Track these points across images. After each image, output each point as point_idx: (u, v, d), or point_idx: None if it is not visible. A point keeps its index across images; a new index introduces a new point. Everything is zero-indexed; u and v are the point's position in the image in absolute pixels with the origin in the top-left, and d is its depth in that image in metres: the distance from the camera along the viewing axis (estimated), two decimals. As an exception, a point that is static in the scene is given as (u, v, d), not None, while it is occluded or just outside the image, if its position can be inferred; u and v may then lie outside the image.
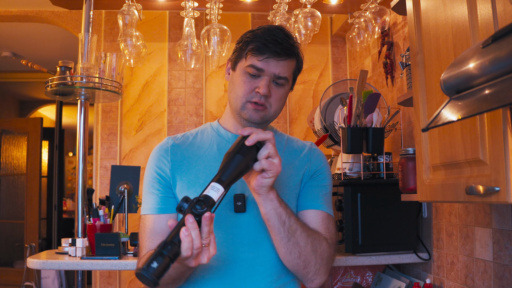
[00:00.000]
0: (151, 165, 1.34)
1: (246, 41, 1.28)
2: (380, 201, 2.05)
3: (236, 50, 1.32)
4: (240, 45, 1.31)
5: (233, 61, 1.34)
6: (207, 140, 1.37)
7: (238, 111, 1.30)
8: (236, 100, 1.29)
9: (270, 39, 1.25)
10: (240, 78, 1.28)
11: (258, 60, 1.25)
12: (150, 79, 3.17)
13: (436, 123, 0.93)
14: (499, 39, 0.80)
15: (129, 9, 2.44)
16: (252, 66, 1.25)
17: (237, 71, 1.30)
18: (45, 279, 4.55)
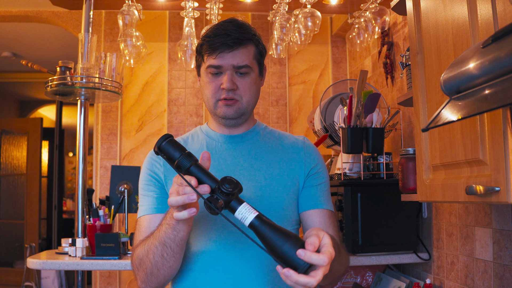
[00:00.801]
0: (144, 169, 1.36)
1: (200, 45, 1.31)
2: (380, 201, 2.05)
3: (196, 57, 1.36)
4: (197, 50, 1.34)
5: (196, 68, 1.38)
6: (197, 142, 1.39)
7: (212, 112, 1.33)
8: (208, 102, 1.32)
9: (218, 34, 1.27)
10: (204, 80, 1.31)
11: (213, 58, 1.27)
12: (150, 79, 3.17)
13: (436, 123, 0.93)
14: (499, 39, 0.80)
15: (129, 9, 2.44)
16: (210, 66, 1.28)
17: (202, 75, 1.33)
18: (45, 279, 4.55)
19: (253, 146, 1.37)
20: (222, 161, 1.33)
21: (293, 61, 3.22)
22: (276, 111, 3.18)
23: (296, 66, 3.22)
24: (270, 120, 3.15)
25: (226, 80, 1.27)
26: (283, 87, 3.20)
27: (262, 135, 1.40)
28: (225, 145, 1.36)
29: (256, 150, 1.36)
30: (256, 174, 1.32)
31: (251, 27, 1.33)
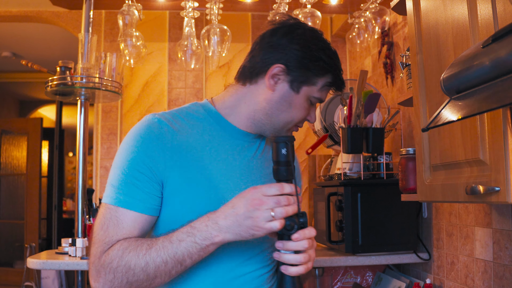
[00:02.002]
0: (137, 148, 1.09)
1: (322, 67, 1.13)
2: (380, 201, 2.05)
3: (304, 69, 1.12)
4: (313, 67, 1.12)
5: (295, 79, 1.13)
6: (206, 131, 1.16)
7: (277, 131, 1.17)
8: (288, 124, 1.17)
9: (340, 71, 1.17)
10: (303, 104, 1.15)
11: (326, 92, 1.17)
12: (150, 79, 3.17)
13: (436, 123, 0.93)
14: (499, 39, 0.80)
15: (129, 9, 2.44)
16: (320, 99, 1.17)
17: (301, 95, 1.14)
18: (45, 279, 4.55)
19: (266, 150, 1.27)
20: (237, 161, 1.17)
21: (293, 61, 3.22)
22: (276, 111, 3.18)
23: (296, 66, 3.21)
24: (270, 120, 3.15)
25: (315, 115, 1.20)
26: (283, 87, 3.20)
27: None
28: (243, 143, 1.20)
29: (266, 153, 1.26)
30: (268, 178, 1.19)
31: None
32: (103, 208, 1.09)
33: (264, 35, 1.17)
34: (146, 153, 1.08)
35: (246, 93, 1.18)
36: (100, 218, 1.08)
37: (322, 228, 2.24)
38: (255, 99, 1.17)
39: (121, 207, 1.06)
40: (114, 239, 1.04)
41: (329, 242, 2.14)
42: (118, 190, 1.07)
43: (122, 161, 1.09)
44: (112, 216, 1.06)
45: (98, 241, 1.05)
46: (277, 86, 1.14)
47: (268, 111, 1.16)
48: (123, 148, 1.11)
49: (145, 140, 1.09)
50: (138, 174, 1.07)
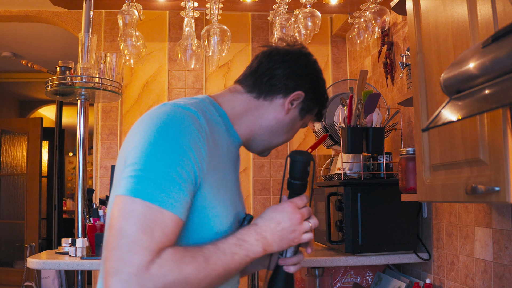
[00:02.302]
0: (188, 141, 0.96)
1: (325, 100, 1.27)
2: (380, 201, 2.05)
3: (315, 101, 1.22)
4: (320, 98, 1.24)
5: (306, 107, 1.22)
6: (221, 134, 1.10)
7: (269, 149, 1.25)
8: (281, 144, 1.24)
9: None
10: (296, 125, 1.24)
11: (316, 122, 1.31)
12: (150, 79, 3.17)
13: (436, 123, 0.93)
14: (499, 39, 0.80)
15: (129, 9, 2.44)
16: (306, 125, 1.28)
17: (302, 121, 1.24)
18: (45, 279, 4.55)
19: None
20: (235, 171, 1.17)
21: (293, 61, 3.22)
22: (276, 111, 3.18)
23: (296, 66, 3.21)
24: (270, 120, 3.15)
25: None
26: (283, 87, 3.20)
27: None
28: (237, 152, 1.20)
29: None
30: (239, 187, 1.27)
31: None
32: (140, 205, 0.90)
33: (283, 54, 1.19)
34: (195, 150, 0.96)
35: (258, 107, 1.18)
36: (137, 217, 0.89)
37: (322, 228, 2.24)
38: (266, 116, 1.18)
39: (167, 210, 0.91)
40: (159, 247, 0.89)
41: (329, 242, 2.14)
42: (162, 189, 0.91)
43: (166, 151, 0.94)
44: (156, 218, 0.90)
45: (142, 248, 0.87)
46: (291, 110, 1.19)
47: (274, 130, 1.19)
48: (163, 136, 0.95)
49: (191, 132, 0.97)
50: (185, 173, 0.94)
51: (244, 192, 3.11)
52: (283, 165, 3.12)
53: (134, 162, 0.94)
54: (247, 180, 3.12)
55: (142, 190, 0.91)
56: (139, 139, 0.96)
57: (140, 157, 0.94)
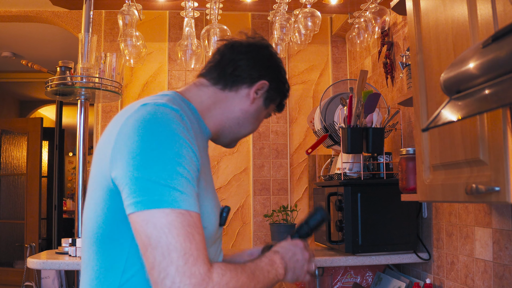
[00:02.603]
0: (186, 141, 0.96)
1: (287, 89, 1.27)
2: (380, 201, 2.05)
3: (278, 91, 1.24)
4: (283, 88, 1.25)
5: (270, 97, 1.23)
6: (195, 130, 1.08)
7: (236, 141, 1.26)
8: (246, 135, 1.25)
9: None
10: (261, 115, 1.25)
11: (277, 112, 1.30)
12: (150, 79, 3.17)
13: (436, 123, 0.93)
14: (499, 39, 0.80)
15: (129, 9, 2.44)
16: (269, 115, 1.28)
17: (267, 111, 1.25)
18: (45, 279, 4.55)
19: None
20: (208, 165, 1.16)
21: (293, 61, 3.22)
22: (276, 111, 3.18)
23: (296, 66, 3.22)
24: (270, 120, 3.15)
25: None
26: (283, 87, 3.20)
27: None
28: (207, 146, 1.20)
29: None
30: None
31: None
32: (173, 215, 0.88)
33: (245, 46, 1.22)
34: (191, 144, 0.96)
35: (224, 99, 1.18)
36: (177, 227, 0.88)
37: (322, 228, 2.25)
38: (232, 107, 1.19)
39: (193, 211, 0.91)
40: (205, 253, 0.90)
41: (329, 242, 2.14)
42: (181, 191, 0.90)
43: (172, 154, 0.92)
44: (190, 222, 0.89)
45: (195, 257, 0.87)
46: (256, 100, 1.20)
47: (240, 121, 1.20)
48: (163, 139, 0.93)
49: (184, 132, 0.97)
50: (193, 171, 0.94)
51: (244, 192, 3.11)
52: (283, 165, 3.12)
53: (141, 173, 0.90)
54: (247, 180, 3.12)
55: (167, 199, 0.89)
56: (135, 147, 0.92)
57: (145, 166, 0.91)
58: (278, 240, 2.25)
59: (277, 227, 2.25)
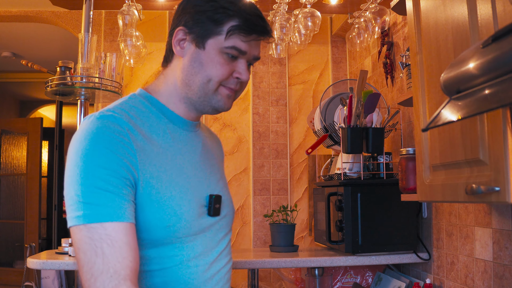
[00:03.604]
0: (108, 151, 0.95)
1: (224, 14, 1.06)
2: (380, 201, 2.05)
3: (203, 22, 1.07)
4: (211, 16, 1.06)
5: (197, 35, 1.07)
6: (155, 124, 1.09)
7: (206, 98, 1.09)
8: (207, 85, 1.08)
9: (255, 15, 1.08)
10: (215, 59, 1.06)
11: (243, 41, 1.06)
12: (150, 79, 3.17)
13: (436, 123, 0.93)
14: (499, 39, 0.80)
15: (129, 9, 2.44)
16: (234, 48, 1.06)
17: (209, 49, 1.06)
18: (45, 279, 4.54)
19: (205, 137, 1.25)
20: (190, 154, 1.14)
21: (293, 61, 3.22)
22: (276, 111, 3.18)
23: (296, 66, 3.22)
24: (270, 120, 3.16)
25: (245, 70, 1.09)
26: (283, 87, 3.20)
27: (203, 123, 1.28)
28: (189, 133, 1.16)
29: (208, 141, 1.25)
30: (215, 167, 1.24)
31: None
32: (84, 230, 0.91)
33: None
34: (114, 152, 0.96)
35: (169, 73, 1.14)
36: (86, 242, 0.91)
37: (322, 228, 2.24)
38: (175, 74, 1.12)
39: (108, 222, 0.92)
40: (118, 268, 0.90)
41: (329, 242, 2.14)
42: (92, 204, 0.92)
43: (84, 168, 0.94)
44: (101, 235, 0.91)
45: (101, 273, 0.89)
46: (185, 50, 1.09)
47: (185, 79, 1.10)
48: (80, 155, 0.95)
49: (108, 138, 0.96)
50: (110, 178, 0.94)
51: (244, 192, 3.11)
52: (283, 165, 3.12)
53: (65, 191, 0.96)
54: (247, 180, 3.12)
55: (79, 216, 0.93)
56: (67, 165, 0.98)
57: (66, 184, 0.96)
58: (278, 240, 2.25)
59: (277, 227, 2.25)
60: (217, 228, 1.16)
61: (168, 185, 1.04)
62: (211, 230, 1.13)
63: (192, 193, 1.09)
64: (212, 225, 1.14)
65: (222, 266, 1.17)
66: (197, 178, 1.13)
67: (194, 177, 1.11)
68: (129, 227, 0.95)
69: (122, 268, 0.91)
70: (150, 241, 1.02)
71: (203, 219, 1.10)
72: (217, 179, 1.21)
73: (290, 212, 2.30)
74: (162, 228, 1.02)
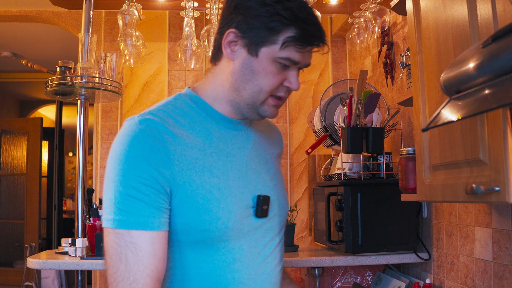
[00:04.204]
0: (141, 159, 0.96)
1: (280, 22, 0.99)
2: (380, 201, 2.05)
3: (257, 28, 1.01)
4: (267, 23, 1.00)
5: (250, 41, 1.02)
6: (198, 125, 1.07)
7: (254, 106, 1.06)
8: (258, 94, 1.04)
9: (312, 23, 1.01)
10: (267, 68, 1.02)
11: (298, 52, 1.01)
12: (150, 79, 3.17)
13: (436, 123, 0.93)
14: (499, 39, 0.80)
15: (129, 9, 2.44)
16: (289, 59, 1.02)
17: (262, 58, 1.02)
18: (45, 279, 4.55)
19: (259, 132, 1.20)
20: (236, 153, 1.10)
21: (293, 61, 3.22)
22: (276, 111, 3.18)
23: (296, 66, 3.22)
24: (270, 120, 3.15)
25: (296, 79, 1.06)
26: (283, 87, 3.20)
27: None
28: (236, 132, 1.13)
29: (262, 137, 1.21)
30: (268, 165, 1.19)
31: None
32: (112, 234, 0.95)
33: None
34: (149, 162, 0.96)
35: (217, 73, 1.10)
36: (113, 247, 0.95)
37: (322, 228, 2.24)
38: (223, 76, 1.08)
39: (134, 230, 0.94)
40: (137, 276, 0.93)
41: (329, 242, 2.14)
42: (122, 211, 0.95)
43: (120, 174, 0.96)
44: (127, 242, 0.94)
45: (122, 279, 0.93)
46: (236, 54, 1.05)
47: (234, 84, 1.06)
48: (118, 160, 0.97)
49: (145, 146, 0.97)
50: (143, 186, 0.95)
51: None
52: (283, 165, 3.12)
53: (103, 193, 1.00)
54: (247, 180, 3.12)
55: (109, 220, 0.96)
56: (107, 165, 1.01)
57: (104, 187, 1.00)
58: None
59: (277, 227, 2.25)
60: (265, 230, 1.12)
61: (207, 189, 1.02)
62: (257, 231, 1.09)
63: (236, 195, 1.06)
64: (259, 227, 1.10)
65: (272, 268, 1.13)
66: (244, 179, 1.09)
67: (240, 178, 1.08)
68: (156, 236, 0.96)
69: (141, 277, 0.93)
70: (189, 244, 1.02)
71: (249, 221, 1.07)
72: (268, 177, 1.16)
73: (290, 212, 2.30)
74: (200, 232, 1.01)
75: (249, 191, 1.09)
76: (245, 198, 1.08)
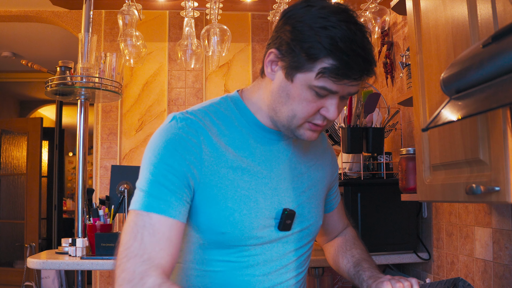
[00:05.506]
0: (173, 151, 1.00)
1: (320, 51, 0.93)
2: (380, 201, 2.05)
3: (296, 52, 0.96)
4: (307, 50, 0.94)
5: (287, 64, 0.98)
6: (236, 132, 1.08)
7: (290, 129, 1.04)
8: (292, 119, 1.02)
9: (356, 55, 0.94)
10: (302, 94, 0.98)
11: (334, 82, 0.96)
12: (150, 79, 3.18)
13: (436, 123, 0.93)
14: (499, 39, 0.80)
15: (129, 9, 2.44)
16: (324, 88, 0.97)
17: (297, 84, 0.98)
18: (45, 279, 4.55)
19: (302, 144, 1.18)
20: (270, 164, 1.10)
21: (293, 61, 3.22)
22: (276, 111, 3.18)
23: (296, 66, 3.22)
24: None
25: (334, 108, 1.00)
26: (283, 87, 3.20)
27: None
28: (275, 143, 1.12)
29: (303, 149, 1.19)
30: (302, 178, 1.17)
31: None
32: (133, 215, 0.98)
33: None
34: (183, 156, 1.00)
35: (262, 87, 1.09)
36: (130, 225, 0.96)
37: (322, 228, 2.24)
38: (266, 92, 1.07)
39: (155, 213, 0.97)
40: (152, 255, 0.94)
41: (329, 242, 2.14)
42: (148, 194, 0.98)
43: (152, 162, 1.00)
44: (146, 223, 0.96)
45: (135, 256, 0.93)
46: (275, 74, 1.03)
47: (272, 104, 1.05)
48: (154, 151, 1.01)
49: (181, 143, 1.01)
50: (171, 176, 0.99)
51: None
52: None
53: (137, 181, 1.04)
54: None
55: (135, 202, 1.00)
56: (144, 154, 1.05)
57: (140, 175, 1.03)
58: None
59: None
60: (286, 242, 1.12)
61: (231, 195, 1.04)
62: (278, 242, 1.10)
63: (261, 205, 1.07)
64: (280, 238, 1.11)
65: (287, 279, 1.13)
66: (272, 190, 1.09)
67: (268, 189, 1.08)
68: (175, 224, 0.98)
69: (156, 258, 0.94)
70: (207, 242, 1.06)
71: (269, 232, 1.08)
72: (300, 191, 1.15)
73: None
74: (217, 234, 1.05)
75: (275, 203, 1.09)
76: (270, 209, 1.09)
